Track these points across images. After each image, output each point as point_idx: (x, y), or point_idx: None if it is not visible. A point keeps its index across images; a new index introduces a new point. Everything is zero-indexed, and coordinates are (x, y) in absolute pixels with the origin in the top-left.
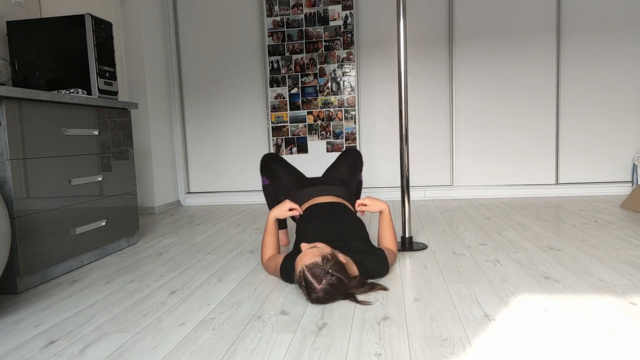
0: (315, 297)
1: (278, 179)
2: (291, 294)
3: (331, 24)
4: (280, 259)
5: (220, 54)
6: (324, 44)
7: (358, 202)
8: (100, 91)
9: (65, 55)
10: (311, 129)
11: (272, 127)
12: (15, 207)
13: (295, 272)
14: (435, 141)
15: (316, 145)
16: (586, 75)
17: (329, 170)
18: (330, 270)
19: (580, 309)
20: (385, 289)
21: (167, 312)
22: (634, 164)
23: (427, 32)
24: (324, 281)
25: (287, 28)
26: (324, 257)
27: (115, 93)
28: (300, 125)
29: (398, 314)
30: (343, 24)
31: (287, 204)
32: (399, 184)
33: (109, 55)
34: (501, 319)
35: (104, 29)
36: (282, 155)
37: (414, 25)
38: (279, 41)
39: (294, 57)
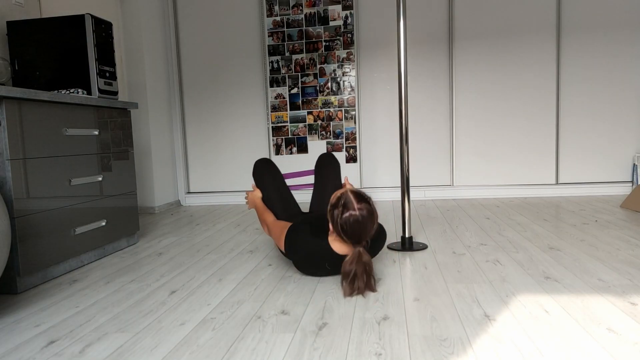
0: (349, 216)
1: (266, 191)
2: (291, 294)
3: (331, 24)
4: (287, 223)
5: (220, 54)
6: (324, 44)
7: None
8: (100, 91)
9: (65, 55)
10: (311, 129)
11: (272, 127)
12: (15, 207)
13: (334, 197)
14: (436, 141)
15: (316, 145)
16: (586, 75)
17: (316, 196)
18: (369, 201)
19: (580, 309)
20: (374, 289)
21: (167, 312)
22: (634, 164)
23: (427, 32)
24: (363, 203)
25: (287, 28)
26: (367, 194)
27: (115, 93)
28: (300, 125)
29: (398, 314)
30: (343, 24)
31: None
32: (399, 184)
33: (109, 55)
34: (501, 319)
35: (104, 29)
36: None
37: (414, 25)
38: (279, 41)
39: (294, 57)
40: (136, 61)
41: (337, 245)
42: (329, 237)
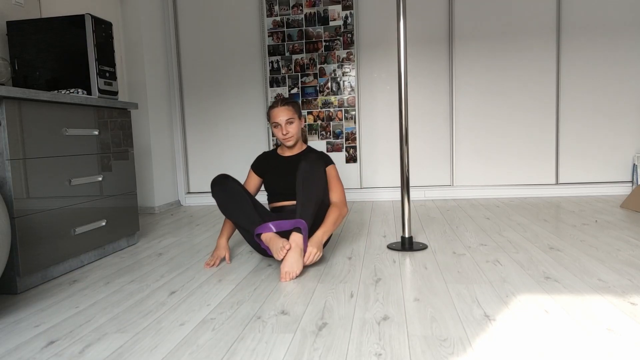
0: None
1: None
2: (291, 294)
3: (331, 24)
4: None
5: (220, 54)
6: (324, 44)
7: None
8: (100, 91)
9: (65, 55)
10: (311, 129)
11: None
12: (15, 207)
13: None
14: (435, 141)
15: (316, 146)
16: (586, 74)
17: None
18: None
19: (580, 309)
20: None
21: (167, 313)
22: (634, 164)
23: (427, 32)
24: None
25: (287, 28)
26: None
27: (115, 93)
28: None
29: (398, 314)
30: (343, 24)
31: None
32: (399, 184)
33: (109, 55)
34: (501, 319)
35: (104, 29)
36: None
37: (414, 25)
38: (279, 41)
39: (294, 57)
40: (136, 61)
41: None
42: None
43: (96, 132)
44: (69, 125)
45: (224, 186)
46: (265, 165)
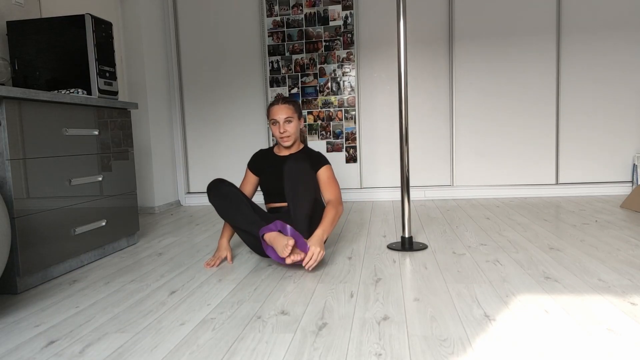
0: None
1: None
2: (291, 293)
3: (331, 24)
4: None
5: (220, 54)
6: (324, 44)
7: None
8: (100, 91)
9: (65, 55)
10: (311, 129)
11: None
12: (15, 207)
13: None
14: (436, 141)
15: (316, 146)
16: (586, 75)
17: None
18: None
19: (580, 309)
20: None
21: (167, 312)
22: (634, 164)
23: (427, 32)
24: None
25: (287, 28)
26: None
27: (115, 93)
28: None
29: (398, 314)
30: (343, 24)
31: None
32: (399, 184)
33: (109, 55)
34: (501, 319)
35: (104, 29)
36: None
37: (414, 25)
38: (279, 41)
39: (294, 57)
40: (136, 61)
41: None
42: None
43: (96, 132)
44: (69, 125)
45: (219, 190)
46: (261, 164)
